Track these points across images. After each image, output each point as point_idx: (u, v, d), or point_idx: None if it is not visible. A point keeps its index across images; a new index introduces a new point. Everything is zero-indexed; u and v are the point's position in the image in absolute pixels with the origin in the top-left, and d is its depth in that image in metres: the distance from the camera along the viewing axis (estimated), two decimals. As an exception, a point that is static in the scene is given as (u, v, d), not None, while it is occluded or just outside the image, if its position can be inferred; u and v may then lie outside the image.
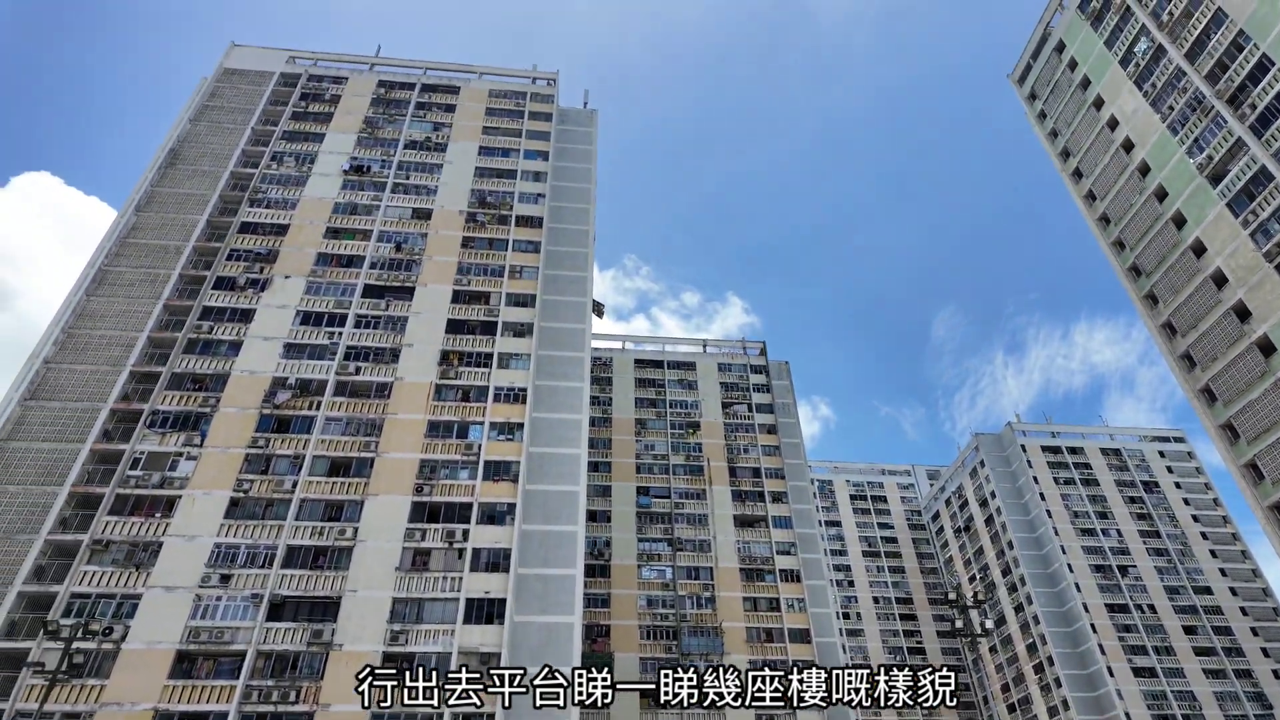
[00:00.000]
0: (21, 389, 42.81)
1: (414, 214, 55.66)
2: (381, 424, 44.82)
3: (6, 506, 39.08)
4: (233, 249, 51.25)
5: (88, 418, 42.54)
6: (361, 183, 56.64)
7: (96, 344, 45.68)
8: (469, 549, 40.65)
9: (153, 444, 42.03)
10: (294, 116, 60.22)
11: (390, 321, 49.46)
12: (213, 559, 38.45)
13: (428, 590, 39.02)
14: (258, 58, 64.10)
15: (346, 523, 40.69)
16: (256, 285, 49.71)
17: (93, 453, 41.24)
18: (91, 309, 47.22)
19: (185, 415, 43.57)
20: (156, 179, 54.22)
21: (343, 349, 47.38)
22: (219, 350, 46.56)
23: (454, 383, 47.24)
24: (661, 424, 75.71)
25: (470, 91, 64.94)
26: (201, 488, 40.71)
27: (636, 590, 63.88)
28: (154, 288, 48.51)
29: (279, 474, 41.96)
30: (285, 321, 48.14)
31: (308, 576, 38.64)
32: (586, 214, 59.12)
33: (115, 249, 50.00)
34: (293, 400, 44.67)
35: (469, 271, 53.02)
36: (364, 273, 51.39)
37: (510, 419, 46.12)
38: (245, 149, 56.98)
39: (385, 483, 42.43)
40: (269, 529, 39.91)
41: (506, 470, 44.14)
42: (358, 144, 59.12)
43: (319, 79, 63.71)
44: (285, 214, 53.73)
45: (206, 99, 60.30)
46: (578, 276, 55.26)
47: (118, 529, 38.88)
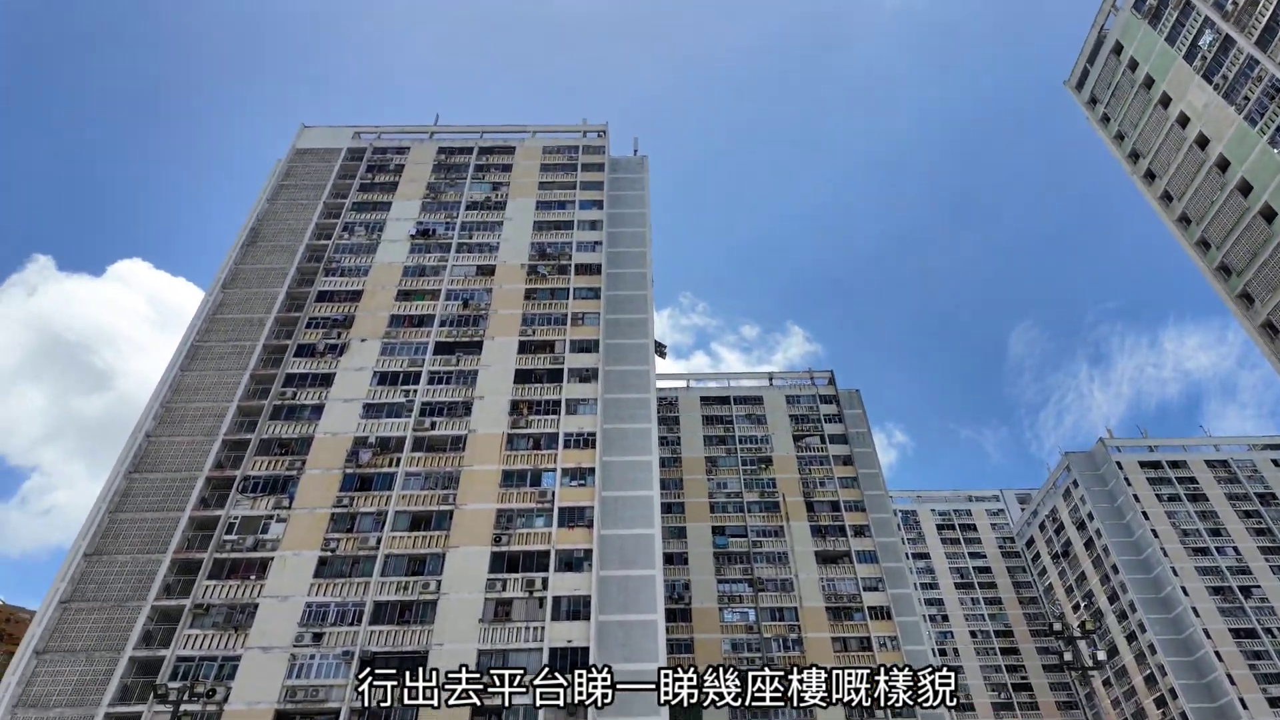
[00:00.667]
0: (127, 463, 45.58)
1: (478, 271, 57.53)
2: (458, 476, 45.73)
3: (117, 575, 41.32)
4: (311, 317, 53.87)
5: (186, 486, 44.87)
6: (428, 245, 58.99)
7: (192, 416, 48.39)
8: (549, 597, 40.68)
9: (245, 508, 43.93)
10: (362, 188, 63.51)
11: (461, 376, 50.81)
12: (305, 618, 39.58)
13: (511, 641, 39.11)
14: (326, 136, 68.13)
15: (430, 576, 41.38)
16: (335, 350, 51.97)
17: (191, 520, 43.37)
18: (186, 383, 50.17)
19: (274, 479, 45.47)
20: (239, 257, 57.77)
21: (418, 405, 48.84)
22: (303, 414, 48.65)
23: (525, 432, 47.96)
24: (732, 461, 74.81)
25: (525, 150, 67.29)
26: (292, 548, 42.18)
27: (720, 634, 62.49)
28: (241, 359, 51.27)
29: (363, 531, 43.15)
30: (363, 383, 50.04)
31: (395, 632, 39.31)
32: (643, 257, 59.91)
33: (205, 325, 53.24)
34: (374, 458, 46.11)
35: (533, 322, 54.20)
36: (434, 331, 53.15)
37: (581, 464, 46.41)
38: (319, 222, 60.26)
39: (465, 534, 43.10)
40: (356, 586, 40.91)
41: (581, 516, 44.27)
42: (422, 209, 61.80)
43: (383, 151, 67.16)
44: (358, 281, 56.31)
45: (281, 179, 64.26)
46: (638, 319, 55.76)
47: (217, 592, 40.54)
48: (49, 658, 38.51)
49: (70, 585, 40.85)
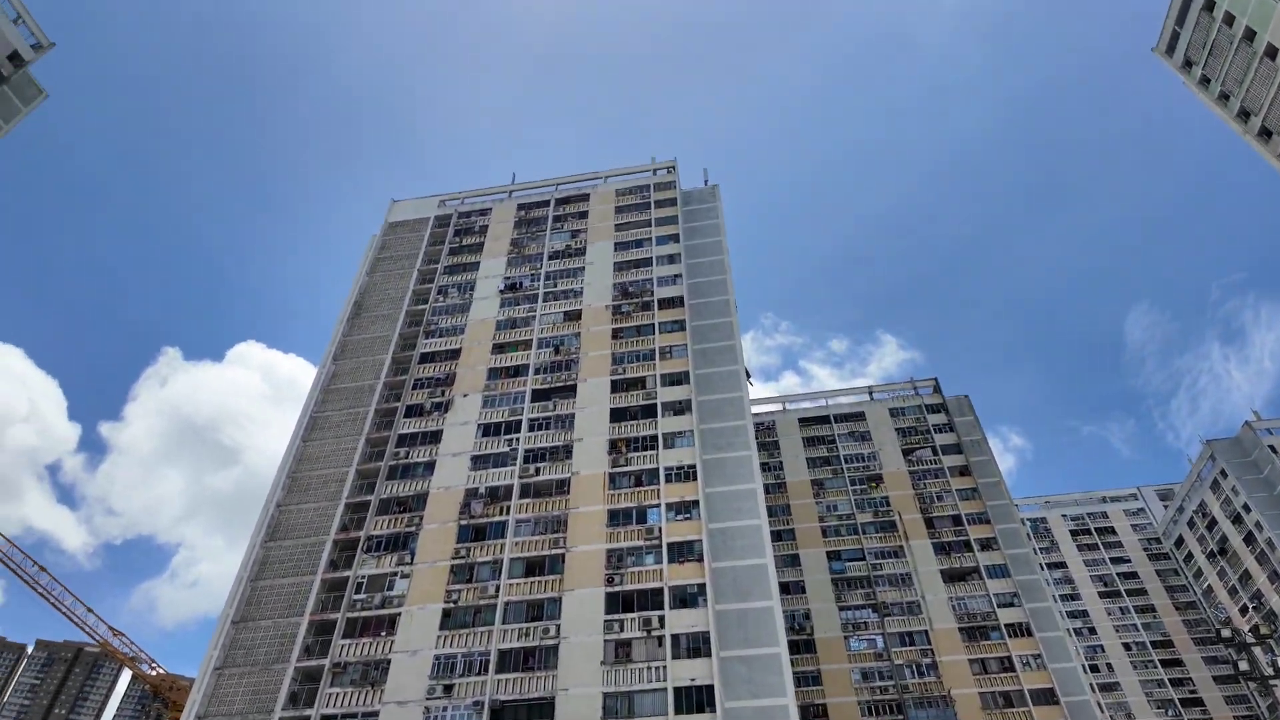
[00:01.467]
0: (262, 532, 48.75)
1: (565, 317, 58.99)
2: (566, 519, 46.40)
3: (262, 639, 43.95)
4: (416, 379, 56.51)
5: (316, 550, 47.47)
6: (516, 298, 61.08)
7: (316, 483, 51.37)
8: (667, 635, 40.34)
9: (371, 568, 45.99)
10: (451, 252, 66.66)
11: (559, 420, 51.87)
12: (435, 670, 40.76)
13: (634, 682, 38.91)
14: (414, 208, 72.15)
15: (549, 620, 41.89)
16: (440, 408, 54.20)
17: (323, 582, 45.74)
18: (308, 453, 53.42)
19: (395, 536, 47.47)
20: (346, 330, 61.51)
21: (521, 453, 50.11)
22: (416, 472, 50.78)
23: (626, 469, 48.28)
24: (840, 482, 72.61)
25: (599, 195, 69.04)
26: (417, 603, 43.72)
27: (847, 664, 60.07)
28: (356, 425, 54.21)
29: (482, 580, 44.28)
30: (469, 436, 51.86)
31: (521, 679, 39.86)
32: (724, 284, 59.83)
33: (321, 397, 56.74)
34: (485, 509, 47.48)
35: (623, 360, 54.87)
36: (530, 379, 54.65)
37: (684, 498, 46.20)
38: (415, 289, 63.56)
39: (578, 577, 43.50)
40: (480, 635, 41.87)
41: (690, 550, 43.91)
42: (508, 264, 64.19)
43: (467, 214, 70.43)
44: (456, 339, 58.80)
45: (378, 252, 68.34)
46: (726, 346, 55.49)
47: (352, 650, 42.41)
48: (209, 721, 41.14)
49: (222, 652, 43.72)
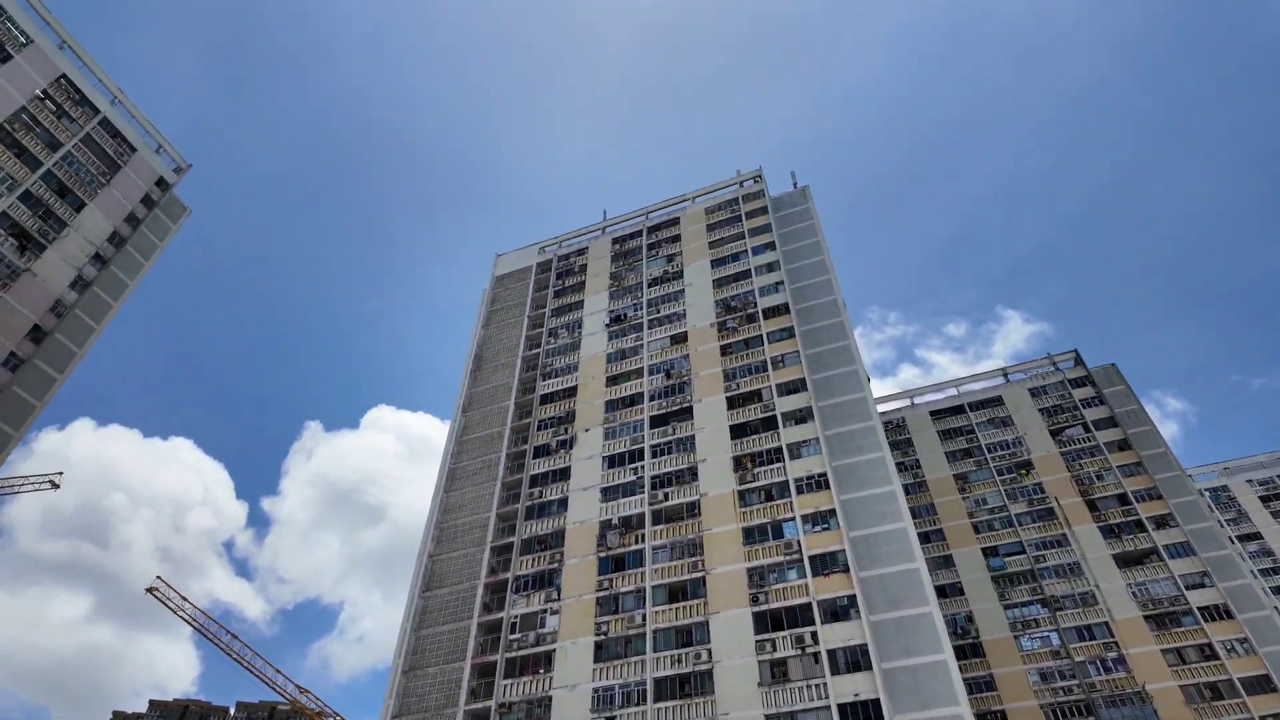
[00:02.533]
0: (419, 582, 51.45)
1: (672, 341, 59.38)
2: (701, 541, 46.21)
3: (430, 686, 46.18)
4: (540, 420, 58.40)
5: (469, 595, 49.57)
6: (623, 329, 62.15)
7: (461, 530, 53.83)
8: (822, 651, 39.12)
9: (521, 607, 47.47)
10: (556, 294, 68.87)
11: (680, 444, 51.98)
12: (595, 704, 41.35)
13: (795, 702, 37.90)
14: (517, 258, 75.21)
15: (699, 646, 41.64)
16: (565, 445, 55.67)
17: (480, 625, 47.62)
18: (450, 503, 56.15)
19: (540, 575, 48.86)
20: (470, 383, 64.57)
21: (648, 480, 50.52)
22: (551, 510, 52.22)
23: (754, 485, 47.62)
24: (985, 473, 68.44)
25: (689, 216, 69.48)
26: (569, 638, 44.66)
27: (1021, 665, 55.97)
28: (490, 471, 56.54)
29: (627, 610, 44.70)
30: (596, 469, 52.88)
31: (680, 707, 39.72)
32: (829, 284, 58.38)
33: (455, 449, 59.64)
34: (621, 539, 48.08)
35: (735, 376, 54.46)
36: (646, 407, 55.21)
37: (819, 508, 44.96)
38: (527, 334, 66.02)
39: (721, 598, 43.10)
40: (633, 666, 42.17)
41: (834, 561, 42.58)
42: (610, 298, 65.53)
43: (565, 257, 72.67)
44: (571, 377, 60.42)
45: (489, 305, 71.59)
46: (840, 346, 53.95)
47: (514, 690, 43.76)
48: (394, 767, 43.47)
49: (396, 701, 46.25)
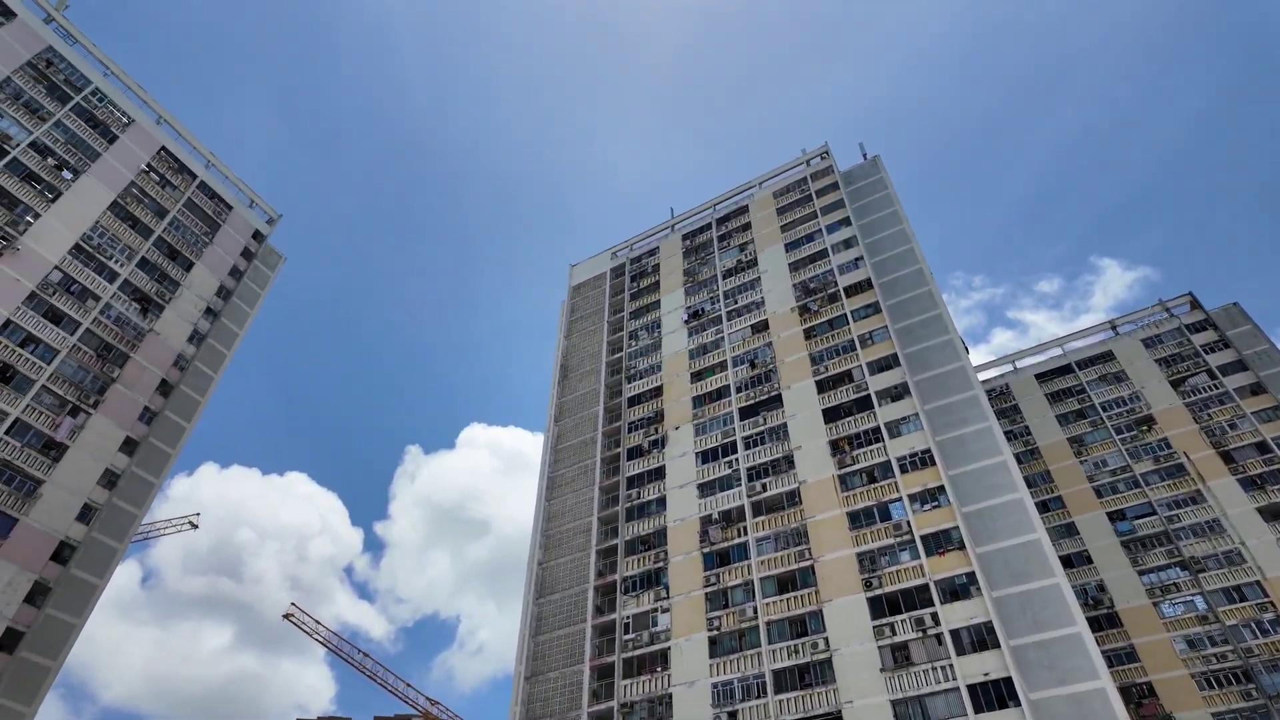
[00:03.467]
0: (532, 590, 52.85)
1: (753, 330, 58.76)
2: (805, 530, 45.52)
3: (552, 690, 47.35)
4: (629, 422, 58.96)
5: (580, 599, 50.55)
6: (702, 324, 61.98)
7: (566, 536, 54.97)
8: (944, 632, 37.83)
9: (633, 608, 48.02)
10: (632, 297, 69.38)
11: (773, 433, 51.37)
12: (715, 699, 41.38)
13: (921, 686, 36.80)
14: (591, 267, 76.23)
15: (814, 635, 41.03)
16: (657, 445, 56.01)
17: (594, 628, 48.47)
18: (553, 510, 57.43)
19: (646, 575, 49.30)
20: (559, 393, 65.88)
21: (744, 473, 50.16)
22: (650, 510, 52.61)
23: (854, 468, 46.53)
24: (1102, 434, 64.50)
25: (757, 203, 68.63)
26: (682, 635, 44.87)
27: (1165, 633, 52.42)
28: (587, 477, 57.50)
29: (738, 604, 44.53)
30: (690, 466, 52.93)
31: (801, 697, 39.26)
32: (911, 253, 56.39)
33: (552, 457, 60.96)
34: (723, 533, 47.95)
35: (822, 359, 53.39)
36: (733, 399, 54.85)
37: (927, 486, 43.49)
38: (608, 340, 66.79)
39: (833, 586, 42.33)
40: (749, 659, 41.96)
41: (947, 540, 41.09)
42: (686, 294, 65.48)
43: (637, 259, 73.11)
44: (655, 378, 60.73)
45: (569, 316, 72.85)
46: (931, 316, 52.02)
47: (633, 690, 44.30)
48: (526, 771, 44.80)
49: (522, 707, 47.64)
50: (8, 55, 52.28)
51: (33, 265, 49.02)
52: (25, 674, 41.96)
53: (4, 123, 50.67)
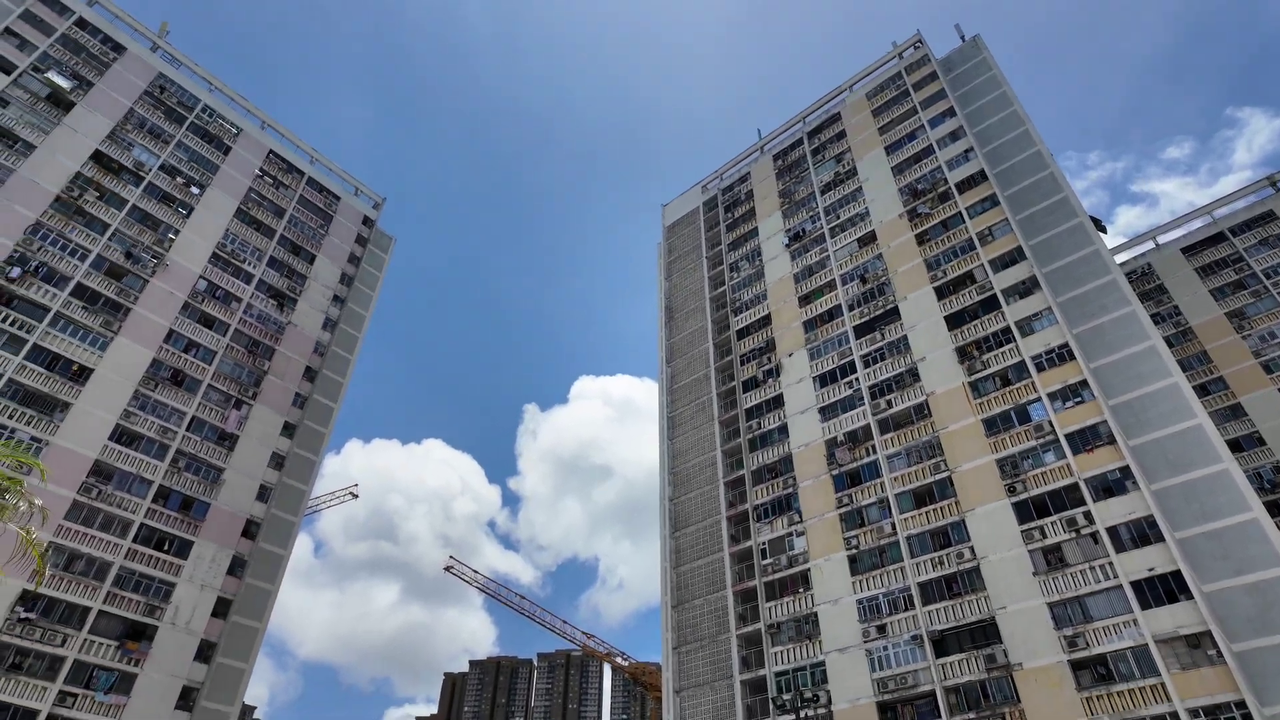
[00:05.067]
0: (667, 526, 54.63)
1: (860, 244, 56.50)
2: (937, 442, 44.25)
3: (700, 616, 49.20)
4: (740, 355, 58.73)
5: (714, 530, 51.79)
6: (804, 246, 60.20)
7: (692, 472, 56.11)
8: (1100, 530, 36.13)
9: (767, 534, 48.72)
10: (728, 228, 68.18)
11: (892, 348, 49.77)
12: (862, 615, 41.70)
13: (1079, 586, 35.52)
14: (682, 204, 75.32)
15: (958, 545, 40.27)
16: (771, 374, 55.60)
17: (731, 556, 49.66)
18: (677, 449, 58.61)
19: (776, 501, 49.72)
20: (667, 334, 66.36)
21: (865, 391, 49.07)
22: (773, 439, 52.64)
23: (985, 373, 44.48)
24: (1267, 303, 58.08)
25: (849, 108, 65.07)
26: (820, 556, 45.22)
27: (1360, 512, 47.67)
28: (706, 413, 58.10)
29: (874, 522, 44.23)
30: (808, 392, 52.33)
31: (952, 606, 38.88)
32: (1026, 136, 51.99)
33: (669, 398, 61.90)
34: (850, 454, 47.42)
35: (938, 264, 50.79)
36: (846, 318, 53.35)
37: (1067, 382, 41.03)
38: (709, 276, 66.25)
39: (973, 495, 41.17)
40: (892, 574, 41.82)
41: (1095, 435, 38.84)
42: (784, 217, 63.59)
43: (729, 188, 71.46)
44: (762, 307, 59.88)
45: (667, 257, 72.65)
46: (1056, 202, 48.10)
47: (778, 611, 45.32)
48: (686, 694, 47.19)
49: (673, 634, 49.87)
50: (126, 88, 56.70)
51: (181, 278, 53.96)
52: (239, 636, 47.96)
53: (136, 151, 55.38)
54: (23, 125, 49.65)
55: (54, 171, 50.00)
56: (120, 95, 55.99)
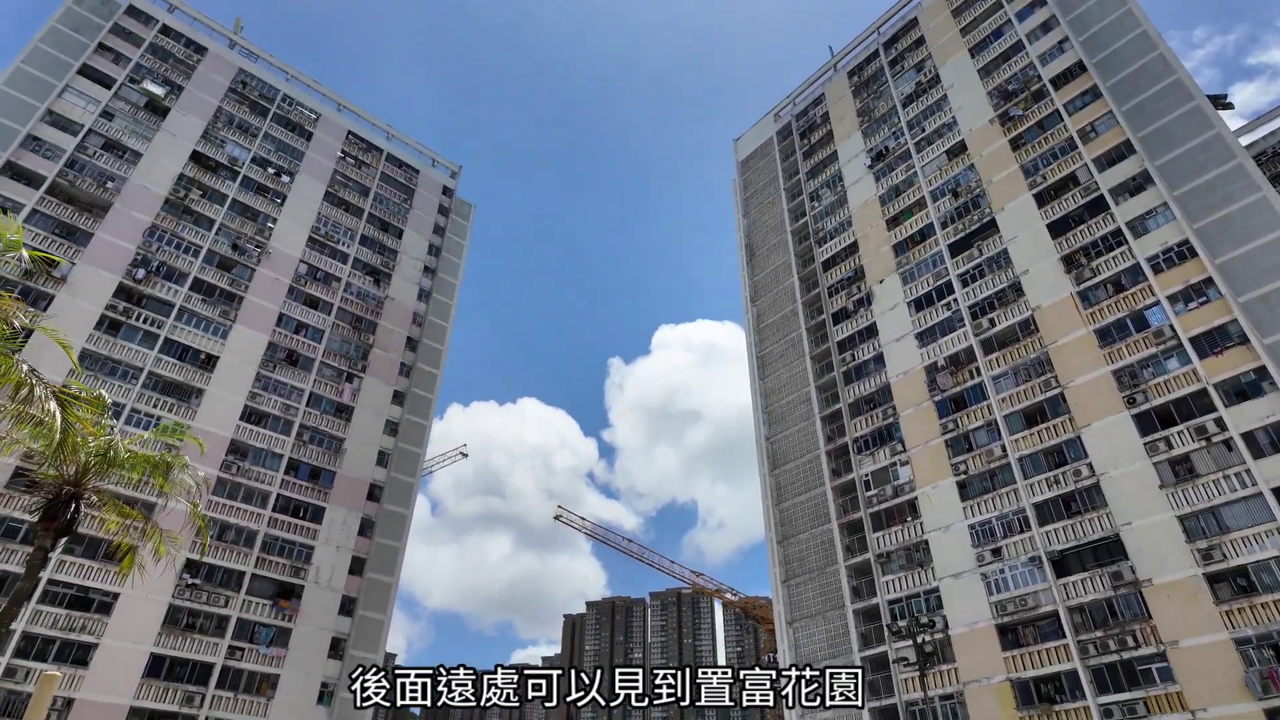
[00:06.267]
0: (765, 464, 54.82)
1: (948, 156, 53.47)
2: (1046, 359, 42.18)
3: (806, 550, 49.55)
4: (828, 286, 57.28)
5: (814, 465, 51.59)
6: (889, 165, 57.47)
7: (786, 410, 55.80)
8: (1234, 437, 33.84)
9: (869, 465, 48.15)
10: (805, 155, 65.78)
11: (992, 263, 47.33)
12: (974, 539, 40.92)
13: (1213, 497, 33.55)
14: (755, 135, 73.07)
15: (1075, 463, 38.65)
16: (863, 303, 54.06)
17: (834, 490, 49.48)
18: (768, 388, 58.29)
19: (877, 432, 48.92)
20: (749, 273, 65.35)
21: (965, 312, 47.07)
22: (868, 369, 51.50)
23: (1094, 280, 41.74)
24: None
25: (926, 11, 60.81)
26: (927, 483, 44.40)
27: None
28: (795, 349, 57.32)
29: (982, 445, 42.92)
30: (903, 318, 50.66)
31: (1070, 525, 37.57)
32: (1130, 16, 47.15)
33: (757, 338, 61.34)
34: (953, 378, 45.88)
35: (1036, 169, 47.52)
36: (939, 236, 50.97)
37: (1189, 281, 38.03)
38: (788, 208, 64.44)
39: (1088, 410, 39.21)
40: (1004, 496, 40.68)
41: (1224, 336, 36.05)
42: (864, 137, 60.74)
43: (803, 113, 68.68)
44: (847, 234, 57.92)
45: (742, 194, 71.02)
46: (1167, 85, 43.66)
47: (886, 540, 45.06)
48: (798, 625, 48.00)
49: (781, 568, 50.51)
50: (212, 88, 59.50)
51: (284, 263, 57.10)
52: (375, 590, 51.91)
53: (229, 147, 58.38)
54: (128, 135, 53.11)
55: (160, 175, 53.45)
56: (208, 95, 58.83)
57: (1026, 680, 36.23)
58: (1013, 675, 36.57)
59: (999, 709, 36.45)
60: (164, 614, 42.89)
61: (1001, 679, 36.88)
